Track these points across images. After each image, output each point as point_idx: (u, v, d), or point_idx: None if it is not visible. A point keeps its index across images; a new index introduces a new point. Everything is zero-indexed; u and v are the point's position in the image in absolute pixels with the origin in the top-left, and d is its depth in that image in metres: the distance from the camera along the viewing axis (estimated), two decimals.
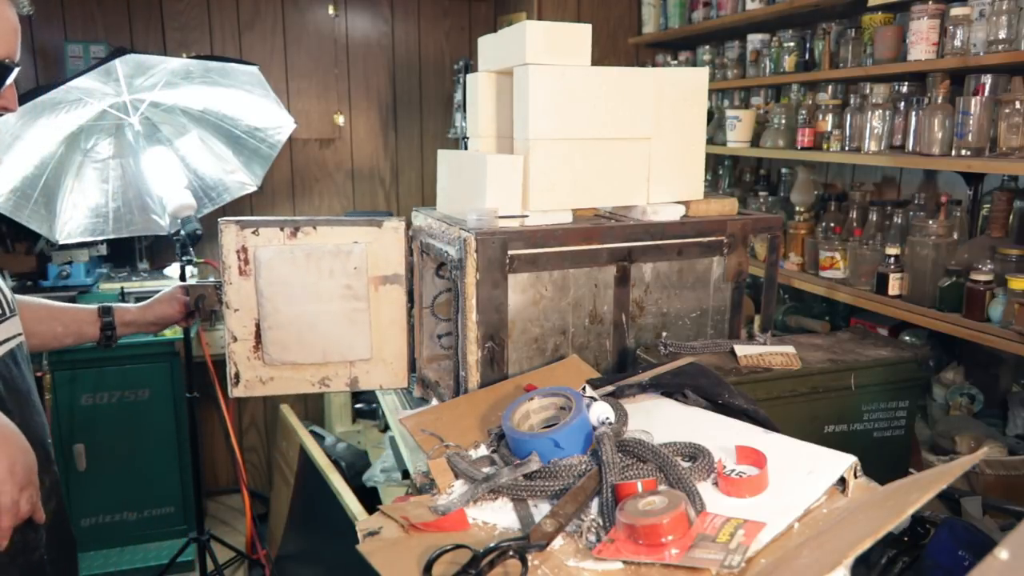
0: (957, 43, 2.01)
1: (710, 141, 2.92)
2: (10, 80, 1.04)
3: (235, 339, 1.68)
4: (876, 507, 0.92)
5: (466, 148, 2.21)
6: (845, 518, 0.94)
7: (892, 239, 2.23)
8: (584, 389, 1.30)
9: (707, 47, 3.31)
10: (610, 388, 1.36)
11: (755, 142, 2.84)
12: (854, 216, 2.44)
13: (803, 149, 2.54)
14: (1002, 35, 1.89)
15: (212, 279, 1.76)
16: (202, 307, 1.67)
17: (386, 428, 3.25)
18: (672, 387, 1.35)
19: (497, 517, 1.07)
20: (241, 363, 1.69)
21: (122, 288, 3.24)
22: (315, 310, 1.67)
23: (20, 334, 1.31)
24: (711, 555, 0.86)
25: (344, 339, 1.70)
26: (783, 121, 2.66)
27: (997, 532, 1.38)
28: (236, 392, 1.69)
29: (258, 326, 1.67)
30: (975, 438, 1.90)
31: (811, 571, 0.79)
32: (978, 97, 1.93)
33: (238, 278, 1.66)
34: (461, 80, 3.80)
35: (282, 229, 1.65)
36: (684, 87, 1.71)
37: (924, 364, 1.63)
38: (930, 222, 2.09)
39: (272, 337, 1.67)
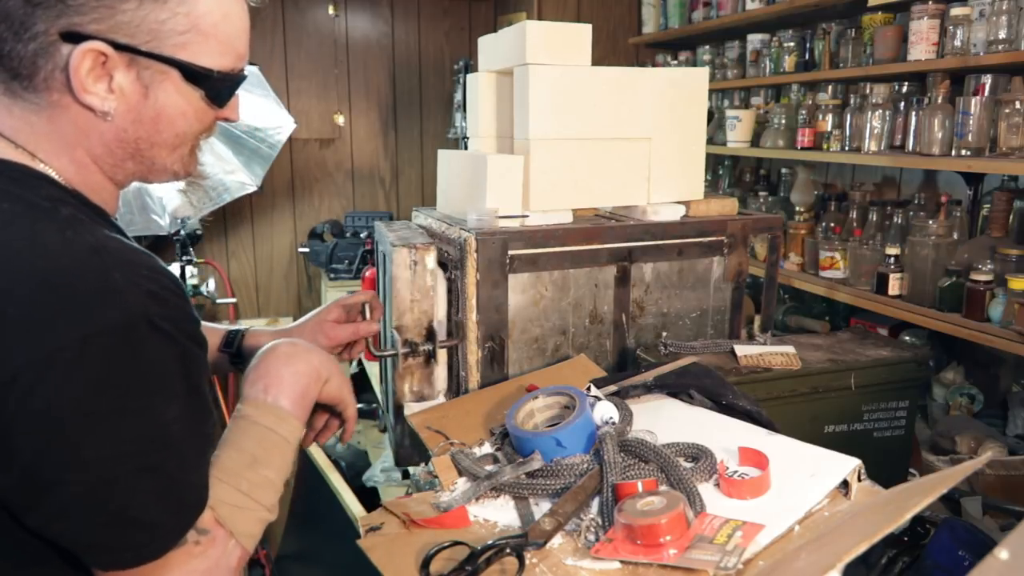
0: (957, 43, 2.01)
1: (710, 141, 2.92)
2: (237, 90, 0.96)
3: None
4: (877, 511, 0.92)
5: (466, 148, 2.21)
6: (846, 521, 0.94)
7: (892, 239, 2.23)
8: (589, 388, 1.31)
9: (707, 47, 3.31)
10: (614, 388, 1.36)
11: (755, 142, 2.84)
12: (854, 216, 2.44)
13: (803, 149, 2.54)
14: (1002, 35, 1.89)
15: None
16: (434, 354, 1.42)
17: (386, 428, 3.25)
18: (677, 387, 1.35)
19: (498, 515, 1.07)
20: None
21: None
22: None
23: None
24: (707, 556, 0.86)
25: None
26: (783, 121, 2.66)
27: (997, 532, 1.38)
28: None
29: None
30: (975, 438, 1.90)
31: (805, 574, 0.79)
32: (978, 97, 1.93)
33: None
34: (461, 80, 3.80)
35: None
36: (684, 87, 1.71)
37: (924, 364, 1.63)
38: (930, 222, 2.09)
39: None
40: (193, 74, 0.86)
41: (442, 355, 1.48)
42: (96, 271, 0.75)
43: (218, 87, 0.89)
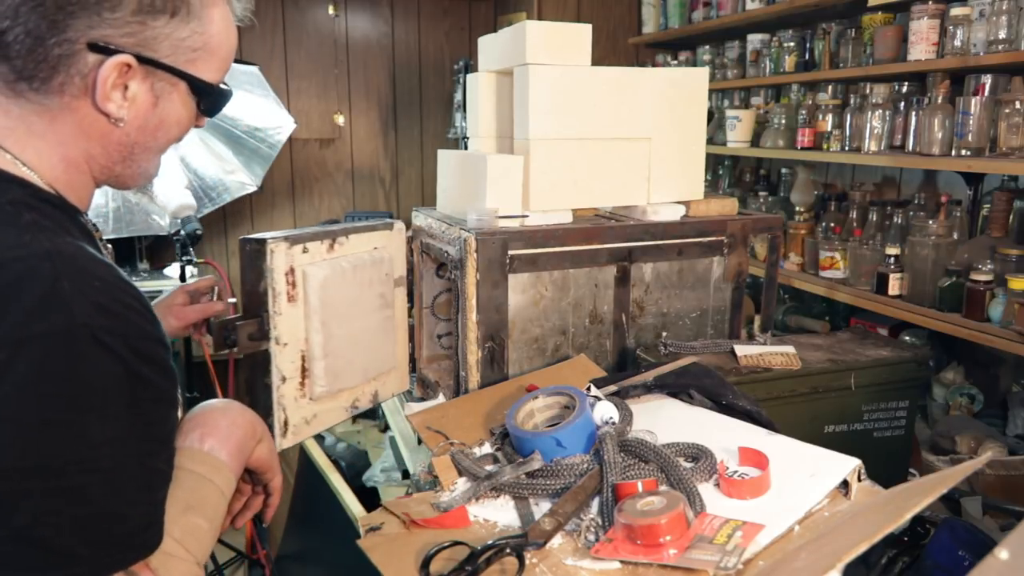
0: (957, 43, 2.01)
1: (710, 141, 2.92)
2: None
3: (284, 379, 1.40)
4: (877, 511, 0.92)
5: (466, 148, 2.21)
6: (846, 521, 0.94)
7: (892, 239, 2.23)
8: (589, 388, 1.31)
9: (707, 47, 3.31)
10: (614, 388, 1.36)
11: (755, 142, 2.84)
12: (854, 216, 2.44)
13: (803, 149, 2.54)
14: (1002, 35, 1.89)
15: (226, 303, 1.47)
16: (238, 343, 1.34)
17: (386, 428, 3.24)
18: (677, 387, 1.35)
19: (498, 515, 1.07)
20: (289, 407, 1.41)
21: None
22: (361, 326, 1.49)
23: None
24: (708, 556, 0.86)
25: (379, 352, 1.55)
26: (783, 121, 2.66)
27: (997, 532, 1.38)
28: (285, 443, 1.40)
29: (303, 358, 1.42)
30: (975, 438, 1.90)
31: (805, 574, 0.79)
32: (978, 97, 1.93)
33: (287, 306, 1.38)
34: (461, 80, 3.80)
35: (322, 242, 1.43)
36: (684, 87, 1.71)
37: (924, 364, 1.63)
38: (930, 222, 2.09)
39: (325, 367, 1.43)
40: (199, 87, 0.90)
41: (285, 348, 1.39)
42: (44, 278, 0.73)
43: (215, 100, 0.94)
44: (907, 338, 2.25)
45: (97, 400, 0.74)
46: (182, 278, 2.70)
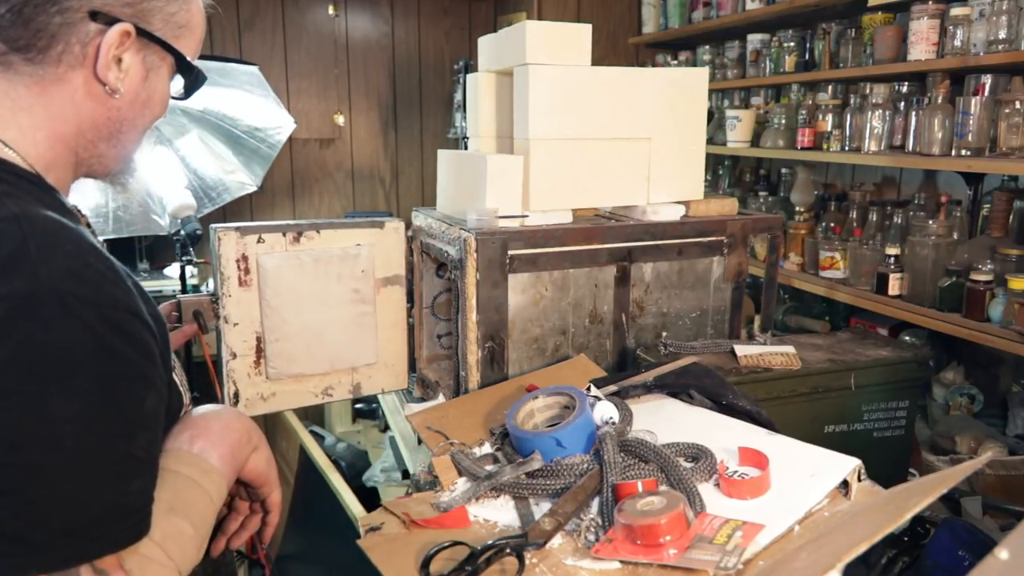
0: (957, 43, 2.01)
1: (710, 141, 2.92)
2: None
3: (234, 356, 1.54)
4: (877, 511, 0.92)
5: (466, 148, 2.21)
6: (846, 521, 0.94)
7: (892, 239, 2.23)
8: (589, 388, 1.31)
9: (707, 47, 3.31)
10: (614, 388, 1.36)
11: (755, 142, 2.84)
12: (854, 216, 2.44)
13: (803, 149, 2.54)
14: (1002, 35, 1.89)
15: (205, 291, 1.63)
16: (202, 323, 1.49)
17: (386, 428, 3.25)
18: (677, 387, 1.35)
19: (498, 515, 1.07)
20: (241, 381, 1.56)
21: None
22: (323, 318, 1.59)
23: None
24: (708, 556, 0.86)
25: (352, 345, 1.63)
26: (783, 121, 2.66)
27: (997, 532, 1.38)
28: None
29: (259, 340, 1.56)
30: (975, 438, 1.90)
31: (805, 574, 0.79)
32: (978, 97, 1.93)
33: (238, 289, 1.52)
34: (461, 80, 3.80)
35: (284, 234, 1.55)
36: (684, 87, 1.71)
37: (924, 364, 1.63)
38: (930, 222, 2.09)
39: (277, 350, 1.56)
40: (183, 64, 0.91)
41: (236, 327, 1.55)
42: (11, 239, 0.69)
43: (195, 78, 0.95)
44: (907, 338, 2.25)
45: (60, 371, 0.67)
46: (182, 278, 2.70)
